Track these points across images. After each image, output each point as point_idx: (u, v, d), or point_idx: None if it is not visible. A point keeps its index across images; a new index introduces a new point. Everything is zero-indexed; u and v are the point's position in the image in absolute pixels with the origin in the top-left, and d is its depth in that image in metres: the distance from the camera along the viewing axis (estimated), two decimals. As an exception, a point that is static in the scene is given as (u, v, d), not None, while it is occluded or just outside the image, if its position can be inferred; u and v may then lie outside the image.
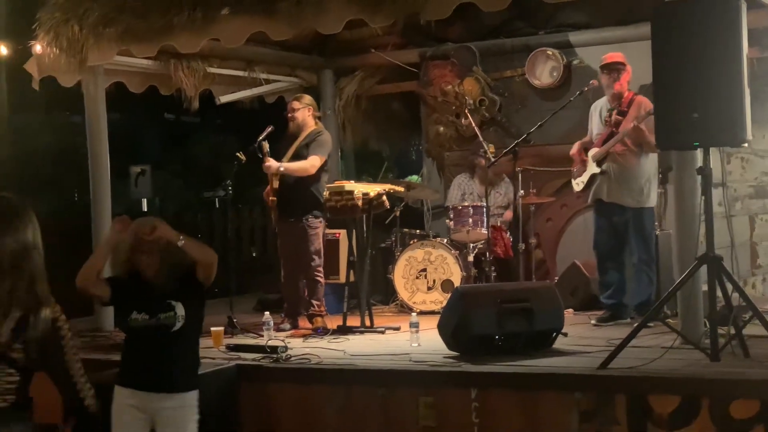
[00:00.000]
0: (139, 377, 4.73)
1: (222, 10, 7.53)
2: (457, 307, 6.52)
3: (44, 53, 8.36)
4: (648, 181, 7.48)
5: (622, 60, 7.52)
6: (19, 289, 3.27)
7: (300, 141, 7.98)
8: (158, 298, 4.70)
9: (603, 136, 7.48)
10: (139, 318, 4.67)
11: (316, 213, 7.96)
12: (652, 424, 5.34)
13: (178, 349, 4.80)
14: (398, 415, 6.03)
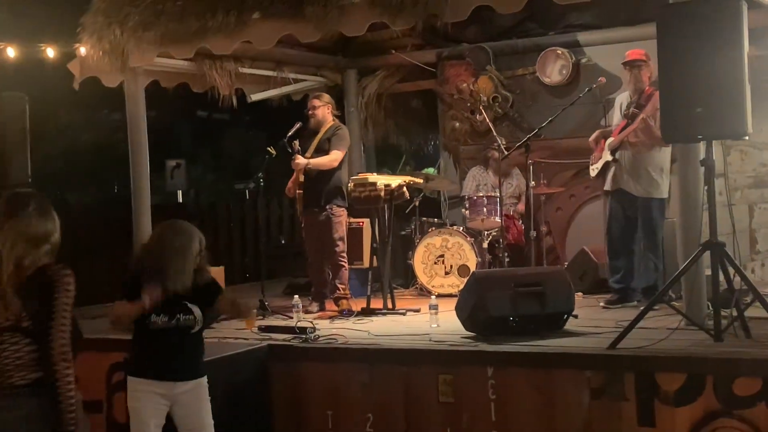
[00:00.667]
0: (160, 369, 4.72)
1: (253, 15, 7.54)
2: (473, 290, 6.51)
3: (88, 55, 8.38)
4: (660, 172, 7.41)
5: (643, 57, 7.43)
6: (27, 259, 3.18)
7: (321, 136, 8.03)
8: (176, 300, 4.70)
9: (620, 127, 7.45)
10: (159, 321, 4.65)
11: (339, 202, 7.99)
12: (659, 401, 5.31)
13: (193, 344, 4.82)
14: (419, 391, 6.03)
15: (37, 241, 3.20)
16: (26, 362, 3.08)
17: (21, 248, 3.15)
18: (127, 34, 8.10)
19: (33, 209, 3.26)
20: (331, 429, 6.32)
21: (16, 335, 3.08)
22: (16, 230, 3.20)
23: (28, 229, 3.23)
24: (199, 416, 4.77)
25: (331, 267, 8.03)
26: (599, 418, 5.48)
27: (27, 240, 3.18)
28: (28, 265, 3.15)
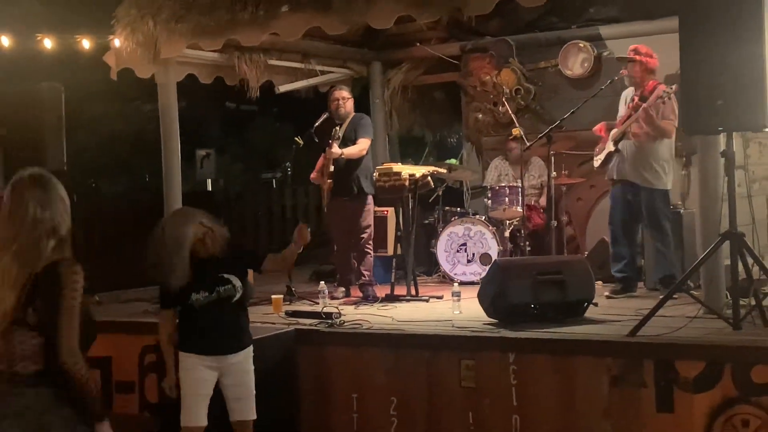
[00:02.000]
0: (209, 344, 4.79)
1: (282, 7, 7.54)
2: (495, 278, 6.51)
3: (122, 47, 8.41)
4: (663, 164, 7.36)
5: (634, 54, 7.41)
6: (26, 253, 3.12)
7: (346, 125, 8.02)
8: (212, 273, 4.74)
9: (623, 118, 7.40)
10: (201, 297, 4.71)
11: (367, 192, 7.97)
12: (678, 388, 5.28)
13: (238, 314, 4.90)
14: (441, 376, 6.04)
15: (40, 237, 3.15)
16: (30, 354, 3.07)
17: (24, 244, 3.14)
18: (160, 26, 8.12)
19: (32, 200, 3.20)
20: (356, 411, 6.33)
21: (22, 328, 3.06)
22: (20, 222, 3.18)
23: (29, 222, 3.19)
24: (245, 385, 4.87)
25: (357, 254, 8.04)
26: (618, 405, 5.46)
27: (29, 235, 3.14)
28: (34, 261, 3.11)
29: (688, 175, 8.74)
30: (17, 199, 3.16)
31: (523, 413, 5.75)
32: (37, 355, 3.07)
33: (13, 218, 3.13)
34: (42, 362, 3.07)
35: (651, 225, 7.38)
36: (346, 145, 7.93)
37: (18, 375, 3.05)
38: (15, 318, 3.04)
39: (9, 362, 3.06)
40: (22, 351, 3.06)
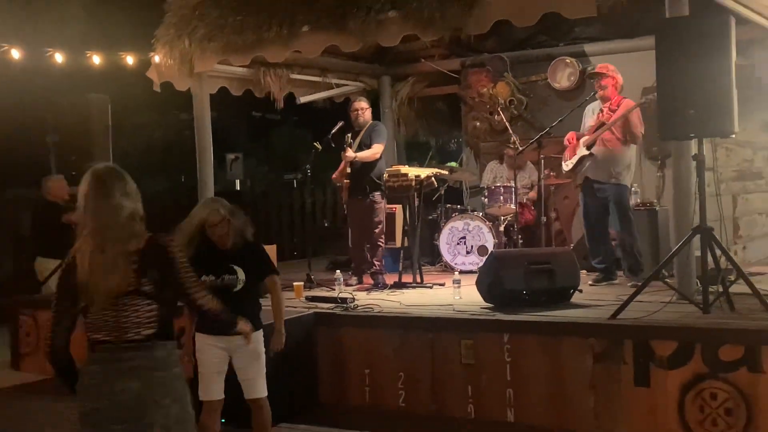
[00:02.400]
0: (216, 325, 4.72)
1: (303, 28, 7.54)
2: (491, 267, 6.50)
3: (161, 63, 8.43)
4: (628, 165, 7.34)
5: (605, 70, 7.38)
6: (124, 235, 3.16)
7: (363, 132, 8.02)
8: (224, 262, 4.72)
9: (593, 127, 7.37)
10: (207, 280, 4.66)
11: (379, 191, 7.97)
12: (654, 365, 5.28)
13: (242, 303, 4.72)
14: (444, 354, 6.04)
15: (131, 219, 3.21)
16: (144, 320, 3.10)
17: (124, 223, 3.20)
18: (194, 44, 8.14)
19: (116, 189, 3.23)
20: (368, 384, 6.35)
21: (137, 298, 3.10)
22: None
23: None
24: (253, 367, 4.77)
25: (370, 246, 8.04)
26: (601, 379, 5.46)
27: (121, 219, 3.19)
28: (133, 240, 3.16)
29: (662, 176, 8.71)
30: (103, 190, 3.17)
31: (516, 387, 5.76)
32: (151, 320, 3.11)
33: (102, 207, 3.15)
34: (155, 326, 3.12)
35: (620, 216, 7.29)
36: (362, 150, 7.93)
37: (130, 341, 3.08)
38: (128, 291, 3.09)
39: (120, 332, 3.09)
40: (136, 318, 3.09)
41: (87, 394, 3.11)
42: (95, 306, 3.12)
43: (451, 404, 5.98)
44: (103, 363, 3.09)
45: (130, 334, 3.09)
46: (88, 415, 3.09)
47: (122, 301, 3.09)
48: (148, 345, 3.10)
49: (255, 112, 23.37)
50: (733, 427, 5.04)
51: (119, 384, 3.05)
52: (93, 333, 3.14)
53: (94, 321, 3.14)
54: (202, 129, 8.79)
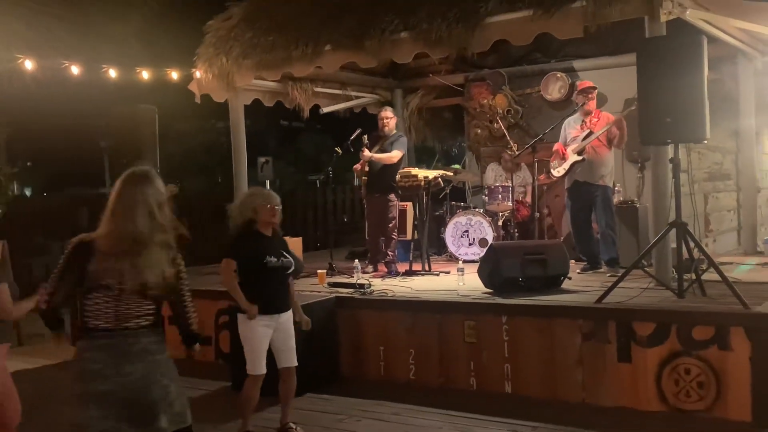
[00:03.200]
0: (270, 305, 4.78)
1: (325, 47, 7.55)
2: (491, 257, 6.50)
3: (202, 77, 8.46)
4: (611, 168, 7.34)
5: (592, 85, 7.42)
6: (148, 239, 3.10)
7: (386, 140, 8.01)
8: (276, 247, 4.79)
9: (579, 137, 7.35)
10: (273, 260, 4.72)
11: (394, 191, 7.98)
12: (635, 343, 5.29)
13: (285, 284, 4.88)
14: (449, 333, 6.06)
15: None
16: (142, 314, 3.06)
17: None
18: (231, 61, 8.17)
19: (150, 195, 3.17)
20: (383, 360, 6.37)
21: (140, 298, 3.05)
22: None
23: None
24: (289, 341, 4.86)
25: (384, 239, 8.03)
26: (588, 356, 5.47)
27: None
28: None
29: (642, 177, 8.65)
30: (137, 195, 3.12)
31: (513, 363, 5.77)
32: (149, 314, 3.07)
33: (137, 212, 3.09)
34: (152, 319, 3.08)
35: (605, 214, 7.26)
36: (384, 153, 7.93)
37: (131, 329, 3.04)
38: (134, 290, 3.04)
39: (119, 321, 3.04)
40: (136, 312, 3.05)
41: (94, 378, 3.02)
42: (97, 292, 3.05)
43: (456, 377, 6.00)
44: (107, 349, 3.02)
45: (130, 324, 3.05)
46: (97, 397, 3.00)
47: (125, 296, 3.04)
48: (145, 332, 3.07)
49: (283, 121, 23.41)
50: (704, 398, 5.05)
51: (126, 367, 3.01)
52: (92, 319, 3.06)
53: (94, 307, 3.06)
54: (237, 135, 8.83)
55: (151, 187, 3.14)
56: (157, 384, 3.05)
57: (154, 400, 3.03)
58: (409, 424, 5.16)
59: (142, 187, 3.13)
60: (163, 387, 3.07)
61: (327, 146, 20.80)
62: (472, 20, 6.63)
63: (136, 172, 3.19)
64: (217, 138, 20.09)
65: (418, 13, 6.99)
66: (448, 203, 9.29)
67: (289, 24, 7.94)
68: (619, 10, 6.03)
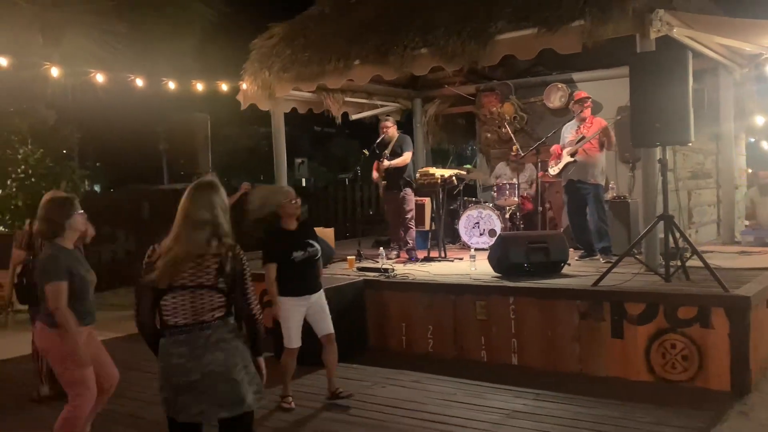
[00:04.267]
0: (301, 288, 4.81)
1: (355, 62, 7.55)
2: (500, 245, 6.48)
3: (247, 89, 8.50)
4: (602, 168, 7.26)
5: (587, 95, 7.36)
6: (215, 239, 3.02)
7: (393, 144, 7.97)
8: (302, 240, 4.79)
9: (574, 140, 7.30)
10: (299, 254, 4.74)
11: (409, 187, 7.98)
12: (627, 321, 5.26)
13: (314, 269, 4.89)
14: (463, 311, 6.07)
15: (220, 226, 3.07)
16: (215, 306, 2.99)
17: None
18: (273, 75, 8.18)
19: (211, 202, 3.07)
20: (405, 334, 6.38)
21: (212, 291, 2.98)
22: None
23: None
24: (325, 311, 4.92)
25: (404, 229, 8.03)
26: (585, 332, 5.45)
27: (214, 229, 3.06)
28: (218, 244, 3.03)
29: (633, 176, 8.54)
30: (196, 200, 3.05)
31: (519, 337, 5.77)
32: (222, 306, 3.00)
33: (191, 215, 3.03)
34: (224, 310, 3.00)
35: (597, 208, 7.20)
36: (395, 155, 7.92)
37: (206, 322, 2.98)
38: (207, 285, 2.98)
39: (196, 315, 2.99)
40: (210, 305, 2.98)
41: (179, 371, 2.95)
42: (172, 293, 2.99)
43: (469, 350, 6.00)
44: (187, 343, 2.96)
45: (205, 317, 2.98)
46: (185, 388, 2.96)
47: (199, 292, 2.98)
48: (220, 323, 3.00)
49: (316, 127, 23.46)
50: (688, 369, 5.02)
51: (207, 357, 2.95)
52: (171, 317, 2.99)
53: (172, 305, 2.99)
54: (278, 139, 8.85)
55: (216, 195, 3.09)
56: (238, 367, 2.99)
57: (238, 382, 2.98)
58: (427, 390, 5.18)
59: (208, 194, 3.08)
60: (244, 368, 3.02)
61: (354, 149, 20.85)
62: (483, 37, 6.60)
63: (202, 182, 3.14)
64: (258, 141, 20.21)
65: (435, 32, 6.96)
66: (462, 198, 9.26)
67: (322, 42, 7.95)
68: (613, 28, 5.96)
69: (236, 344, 3.04)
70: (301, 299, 4.81)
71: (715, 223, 9.70)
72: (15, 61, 7.49)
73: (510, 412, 4.59)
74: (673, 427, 4.20)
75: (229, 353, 2.99)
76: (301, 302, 4.81)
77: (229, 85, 8.85)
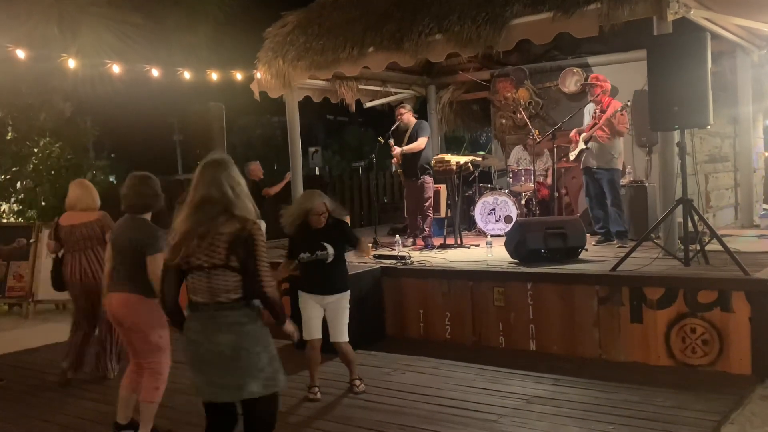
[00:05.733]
0: (313, 287, 4.79)
1: (369, 49, 7.53)
2: (517, 231, 6.47)
3: (262, 78, 8.50)
4: (617, 154, 7.15)
5: (595, 80, 7.23)
6: (225, 215, 3.01)
7: (410, 130, 7.97)
8: (317, 241, 4.72)
9: (590, 126, 7.23)
10: (304, 257, 4.70)
11: (428, 174, 7.96)
12: (646, 306, 5.23)
13: (331, 270, 4.78)
14: (480, 298, 6.05)
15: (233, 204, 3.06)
16: (232, 287, 2.99)
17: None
18: (287, 63, 8.18)
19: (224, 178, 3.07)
20: (422, 321, 6.39)
21: (226, 271, 2.98)
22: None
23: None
24: (338, 319, 4.81)
25: (422, 216, 8.03)
26: (604, 318, 5.43)
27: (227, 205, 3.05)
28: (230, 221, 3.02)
29: (650, 160, 8.52)
30: (206, 177, 3.05)
31: (537, 323, 5.75)
32: (237, 288, 3.00)
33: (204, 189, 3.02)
34: (240, 292, 3.00)
35: (611, 194, 7.14)
36: (412, 142, 7.90)
37: (222, 303, 2.99)
38: (219, 264, 2.98)
39: (212, 296, 3.01)
40: (225, 286, 2.99)
41: (191, 345, 3.03)
42: (191, 274, 3.04)
43: (487, 336, 6.00)
44: (201, 320, 3.01)
45: (221, 298, 2.99)
46: (194, 362, 3.04)
47: (214, 272, 2.98)
48: (236, 305, 3.00)
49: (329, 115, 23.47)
50: (708, 354, 4.99)
51: (218, 336, 2.98)
52: (193, 295, 3.05)
53: (192, 285, 3.04)
54: (293, 128, 8.86)
55: (223, 172, 3.06)
56: (247, 352, 2.99)
57: (243, 368, 2.99)
58: (446, 376, 5.19)
59: (214, 171, 3.06)
60: (255, 354, 3.01)
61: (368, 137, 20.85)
62: (498, 22, 6.56)
63: (209, 160, 3.13)
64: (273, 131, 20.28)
65: (450, 17, 6.93)
66: (477, 185, 9.23)
67: (336, 30, 7.93)
68: (630, 10, 5.91)
69: (251, 328, 3.03)
70: (315, 297, 4.79)
71: (733, 206, 9.62)
72: (33, 54, 7.53)
73: (529, 398, 4.59)
74: (694, 411, 4.18)
75: (241, 337, 2.99)
76: (316, 299, 4.79)
77: (243, 75, 8.85)
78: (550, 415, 4.25)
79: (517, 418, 4.23)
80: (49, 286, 5.80)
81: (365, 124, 22.75)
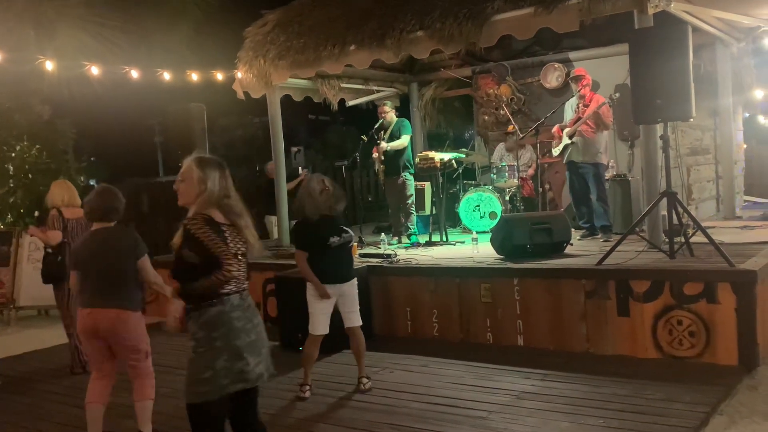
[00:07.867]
0: (334, 275, 4.75)
1: (351, 47, 7.48)
2: (503, 227, 6.46)
3: (243, 78, 8.42)
4: (602, 148, 7.18)
5: (583, 73, 7.28)
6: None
7: (392, 128, 7.98)
8: (338, 226, 4.75)
9: (573, 120, 7.25)
10: (335, 240, 4.69)
11: (408, 171, 7.94)
12: (632, 299, 5.24)
13: (350, 255, 4.91)
14: (468, 294, 6.04)
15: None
16: (248, 276, 3.15)
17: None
18: (268, 63, 8.11)
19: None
20: (410, 319, 6.37)
21: (244, 258, 3.10)
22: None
23: None
24: (354, 303, 4.86)
25: (404, 214, 8.02)
26: (591, 311, 5.43)
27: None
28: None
29: (632, 154, 8.56)
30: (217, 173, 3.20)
31: (524, 319, 5.75)
32: (248, 276, 3.16)
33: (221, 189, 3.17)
34: (248, 279, 3.18)
35: (597, 188, 7.18)
36: (393, 139, 7.89)
37: (245, 290, 3.12)
38: (243, 252, 3.09)
39: (241, 283, 3.09)
40: (245, 275, 3.13)
41: (242, 333, 3.04)
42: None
43: (475, 333, 5.99)
44: (242, 308, 3.06)
45: (245, 285, 3.12)
46: (248, 347, 3.05)
47: (244, 260, 3.10)
48: (247, 290, 3.14)
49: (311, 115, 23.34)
50: (695, 345, 5.01)
51: (255, 319, 3.13)
52: (237, 283, 3.06)
53: (239, 272, 3.06)
54: (275, 126, 8.78)
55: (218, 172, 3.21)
56: (264, 329, 3.21)
57: (267, 347, 3.19)
58: (435, 374, 5.17)
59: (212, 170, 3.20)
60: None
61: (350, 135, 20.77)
62: (480, 18, 6.54)
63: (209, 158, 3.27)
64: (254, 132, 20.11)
65: (432, 14, 6.89)
66: (461, 182, 9.24)
67: (318, 28, 7.87)
68: (611, 4, 5.91)
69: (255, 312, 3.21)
70: (333, 287, 4.74)
71: (715, 199, 9.69)
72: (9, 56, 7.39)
73: (519, 393, 4.58)
74: (683, 403, 4.19)
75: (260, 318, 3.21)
76: (333, 290, 4.75)
77: (224, 75, 8.76)
78: (539, 411, 4.24)
79: (507, 414, 4.22)
80: (30, 292, 5.75)
81: (347, 122, 22.66)
